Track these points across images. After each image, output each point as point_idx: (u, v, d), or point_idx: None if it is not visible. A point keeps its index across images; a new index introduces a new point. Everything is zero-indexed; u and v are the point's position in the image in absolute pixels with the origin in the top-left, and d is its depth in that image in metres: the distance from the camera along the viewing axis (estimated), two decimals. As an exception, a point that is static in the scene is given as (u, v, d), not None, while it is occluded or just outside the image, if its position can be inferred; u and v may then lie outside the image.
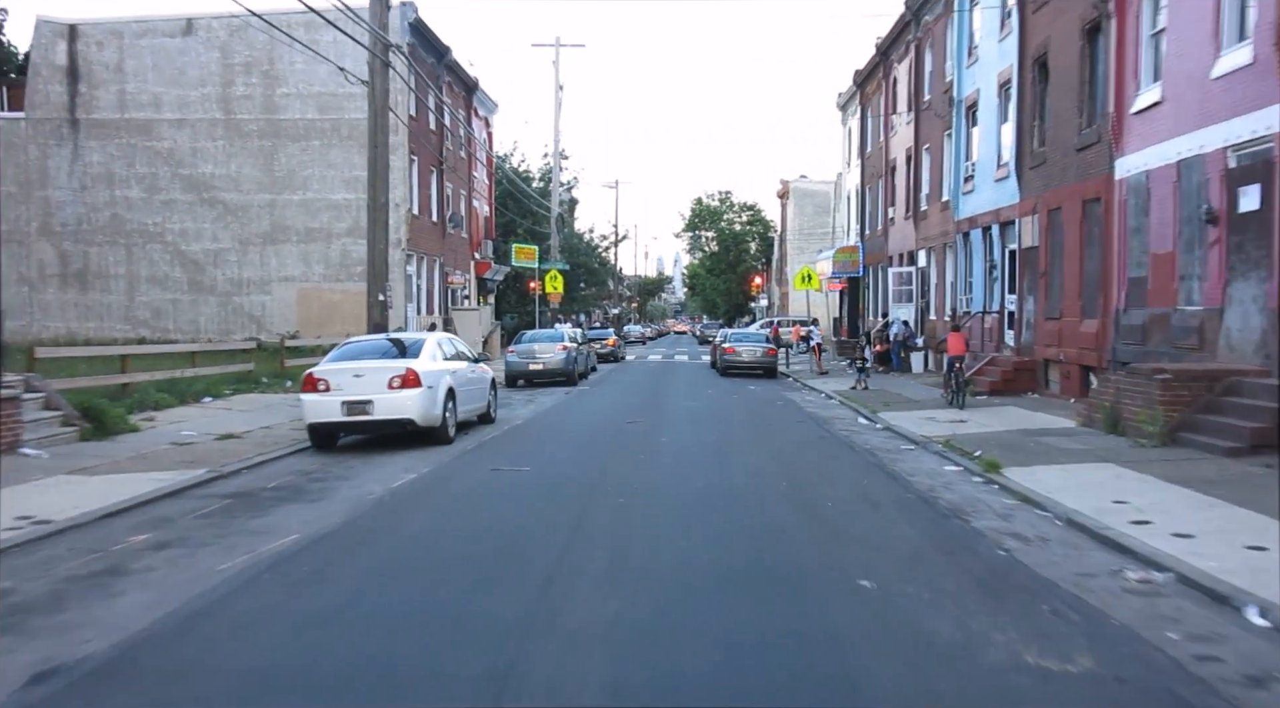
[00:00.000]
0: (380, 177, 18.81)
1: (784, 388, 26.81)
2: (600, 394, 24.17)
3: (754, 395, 23.80)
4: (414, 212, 33.47)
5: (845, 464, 12.23)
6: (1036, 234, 20.72)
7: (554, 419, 17.86)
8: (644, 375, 32.91)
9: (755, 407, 20.73)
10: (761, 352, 31.83)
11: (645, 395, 23.82)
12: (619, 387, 27.11)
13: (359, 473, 11.21)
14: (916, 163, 31.41)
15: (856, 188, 42.92)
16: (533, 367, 26.14)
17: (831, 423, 17.37)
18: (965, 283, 26.22)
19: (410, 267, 33.45)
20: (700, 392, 24.99)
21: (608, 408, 20.20)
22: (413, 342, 14.17)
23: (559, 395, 23.45)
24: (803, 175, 73.55)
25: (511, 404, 20.96)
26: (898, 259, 34.23)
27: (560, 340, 26.98)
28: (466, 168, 41.83)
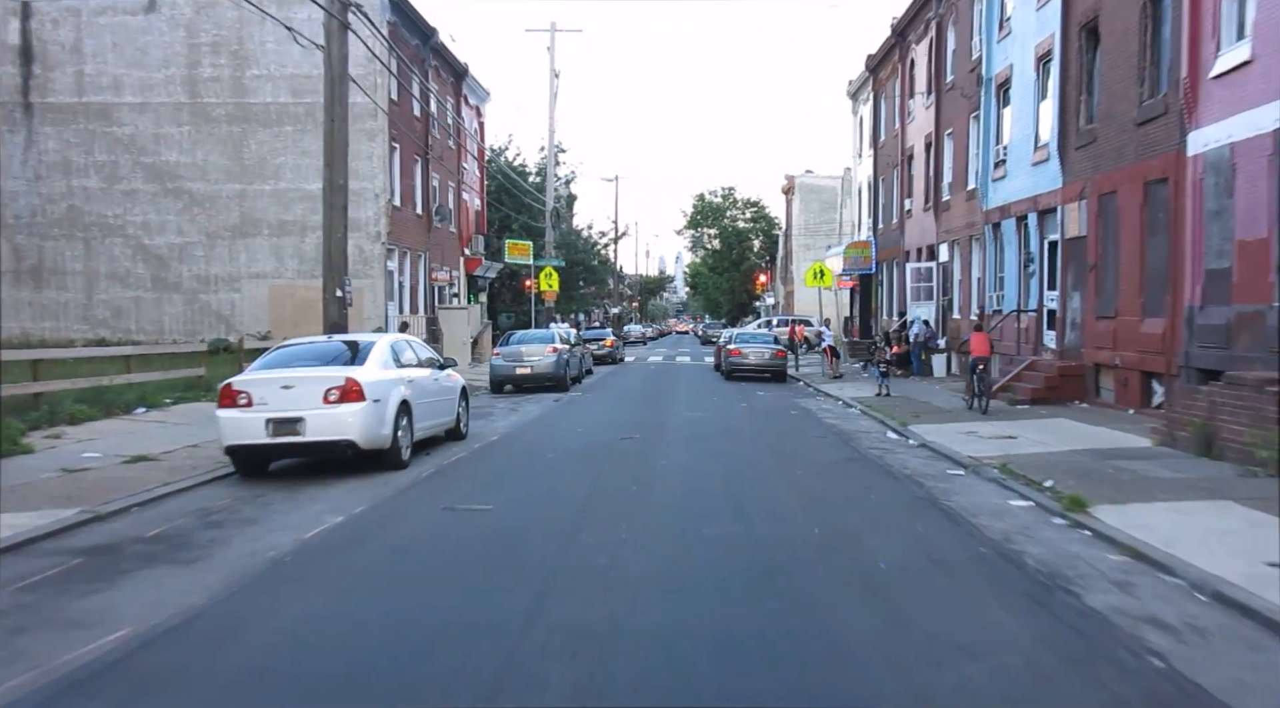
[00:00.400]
0: (338, 155, 16.48)
1: (796, 394, 24.43)
2: (593, 402, 21.81)
3: (764, 403, 21.43)
4: (395, 203, 31.11)
5: (887, 499, 9.85)
6: (1084, 222, 18.34)
7: (536, 434, 15.48)
8: (643, 379, 30.55)
9: (767, 417, 18.36)
10: (770, 354, 29.47)
11: (643, 404, 21.44)
12: (615, 393, 24.75)
13: (273, 514, 8.84)
14: (938, 150, 29.04)
15: (869, 180, 40.55)
16: (520, 371, 23.78)
17: (857, 438, 15.00)
18: (995, 279, 23.85)
19: (391, 262, 31.10)
20: (704, 399, 22.62)
21: (600, 419, 17.84)
22: (363, 345, 11.78)
23: (547, 403, 21.09)
24: (808, 170, 71.24)
25: (491, 415, 18.60)
26: (915, 254, 31.85)
27: (550, 342, 24.61)
28: (456, 159, 39.47)
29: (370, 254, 29.91)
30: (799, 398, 23.14)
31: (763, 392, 24.85)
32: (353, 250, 30.31)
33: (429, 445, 13.14)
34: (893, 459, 12.65)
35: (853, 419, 18.08)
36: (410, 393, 11.58)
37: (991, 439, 14.05)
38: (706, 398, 22.85)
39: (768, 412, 19.49)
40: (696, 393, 24.56)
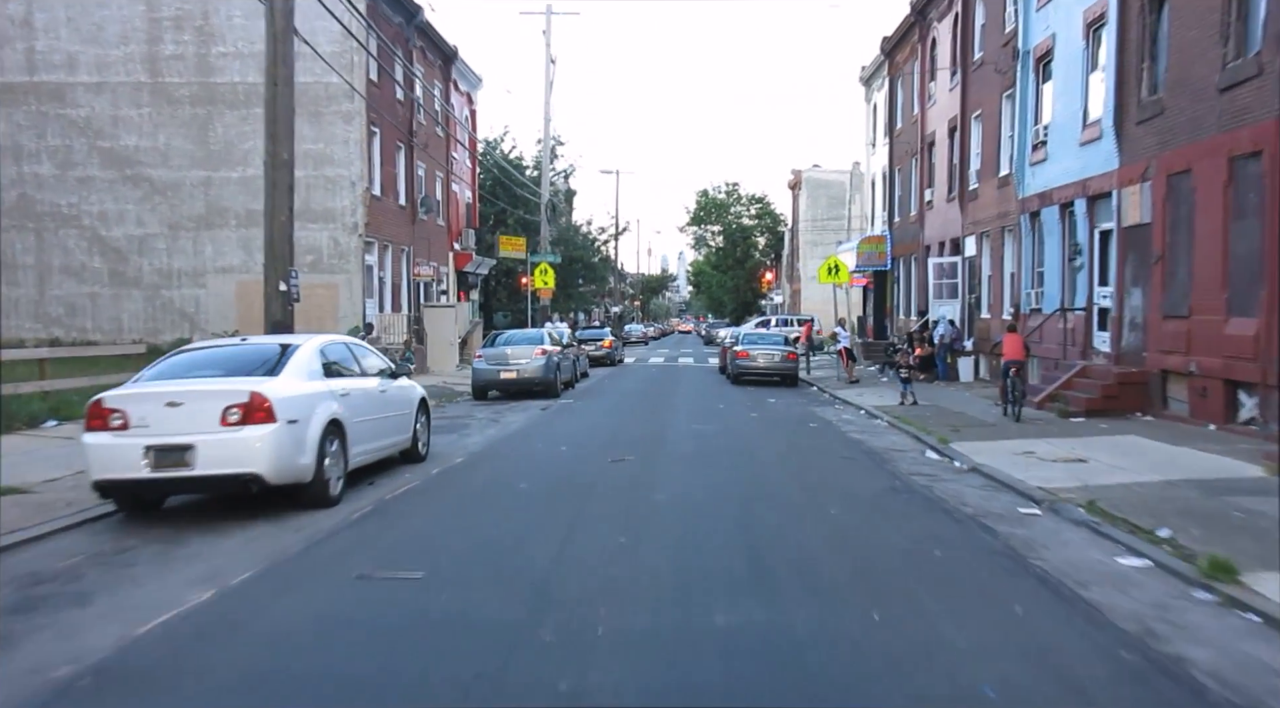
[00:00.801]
0: (282, 125, 14.12)
1: (811, 401, 22.05)
2: (585, 411, 19.43)
3: (777, 412, 19.05)
4: (375, 192, 28.75)
5: (957, 555, 7.45)
6: (1147, 207, 15.94)
7: (512, 455, 13.09)
8: (643, 383, 28.17)
9: (783, 431, 15.98)
10: (780, 356, 27.08)
11: (641, 413, 19.06)
12: (610, 400, 22.36)
13: (122, 585, 6.45)
14: (964, 134, 26.63)
15: (883, 171, 38.14)
16: (505, 375, 21.41)
17: (892, 459, 12.62)
18: (1033, 274, 21.45)
19: (370, 256, 28.74)
20: (710, 406, 20.25)
21: (591, 433, 15.48)
22: (286, 350, 9.38)
23: (533, 413, 18.72)
24: (815, 164, 68.84)
25: (466, 427, 16.22)
26: (937, 248, 29.45)
27: (539, 343, 22.24)
28: (444, 148, 37.10)
29: (346, 247, 27.57)
30: (815, 406, 20.76)
31: (774, 398, 22.48)
32: (327, 242, 28.04)
33: (377, 470, 10.78)
34: (944, 490, 10.25)
35: (881, 433, 15.69)
36: (344, 410, 9.21)
37: (1057, 463, 11.66)
38: (712, 405, 20.48)
39: (783, 423, 17.10)
40: (700, 399, 22.19)
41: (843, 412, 19.53)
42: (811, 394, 24.56)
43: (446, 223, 37.53)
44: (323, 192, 27.52)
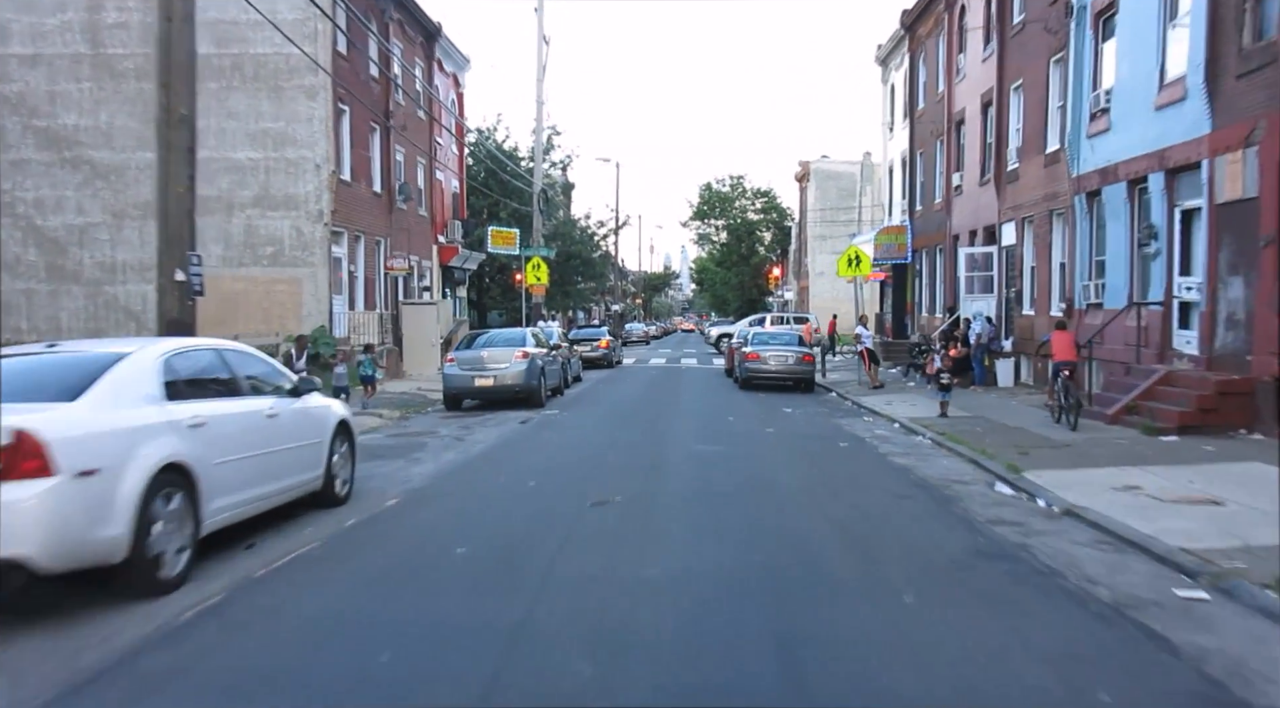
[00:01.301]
0: (178, 74, 11.32)
1: (833, 411, 19.18)
2: (570, 425, 16.54)
3: (798, 427, 16.17)
4: (344, 177, 25.89)
5: (1135, 700, 4.56)
6: (1252, 178, 13.04)
7: (461, 493, 10.18)
8: (640, 388, 25.28)
9: (809, 453, 13.09)
10: (795, 358, 24.21)
11: (636, 428, 16.15)
12: (602, 410, 19.47)
13: None
14: (1000, 109, 23.72)
15: (903, 156, 35.21)
16: (480, 382, 18.55)
17: (957, 496, 9.73)
18: (1090, 263, 18.55)
19: (338, 247, 25.88)
20: (717, 418, 17.37)
21: (571, 457, 12.62)
22: (102, 362, 6.45)
23: (508, 428, 15.87)
24: (824, 155, 65.92)
25: (420, 450, 13.35)
26: (967, 237, 26.55)
27: (520, 345, 19.36)
28: (427, 132, 34.24)
29: (310, 237, 24.71)
30: (839, 417, 17.89)
31: (790, 407, 19.60)
32: (289, 232, 25.19)
33: (274, 520, 7.93)
34: (1048, 552, 7.37)
35: (928, 456, 12.79)
36: (196, 447, 6.35)
37: (1181, 505, 8.79)
38: (719, 417, 17.61)
39: (806, 442, 14.21)
40: (706, 409, 19.32)
41: (874, 425, 16.64)
42: (831, 402, 21.68)
43: (430, 213, 34.69)
44: (283, 175, 24.67)
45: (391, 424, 16.89)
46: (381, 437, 14.98)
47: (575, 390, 24.14)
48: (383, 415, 17.74)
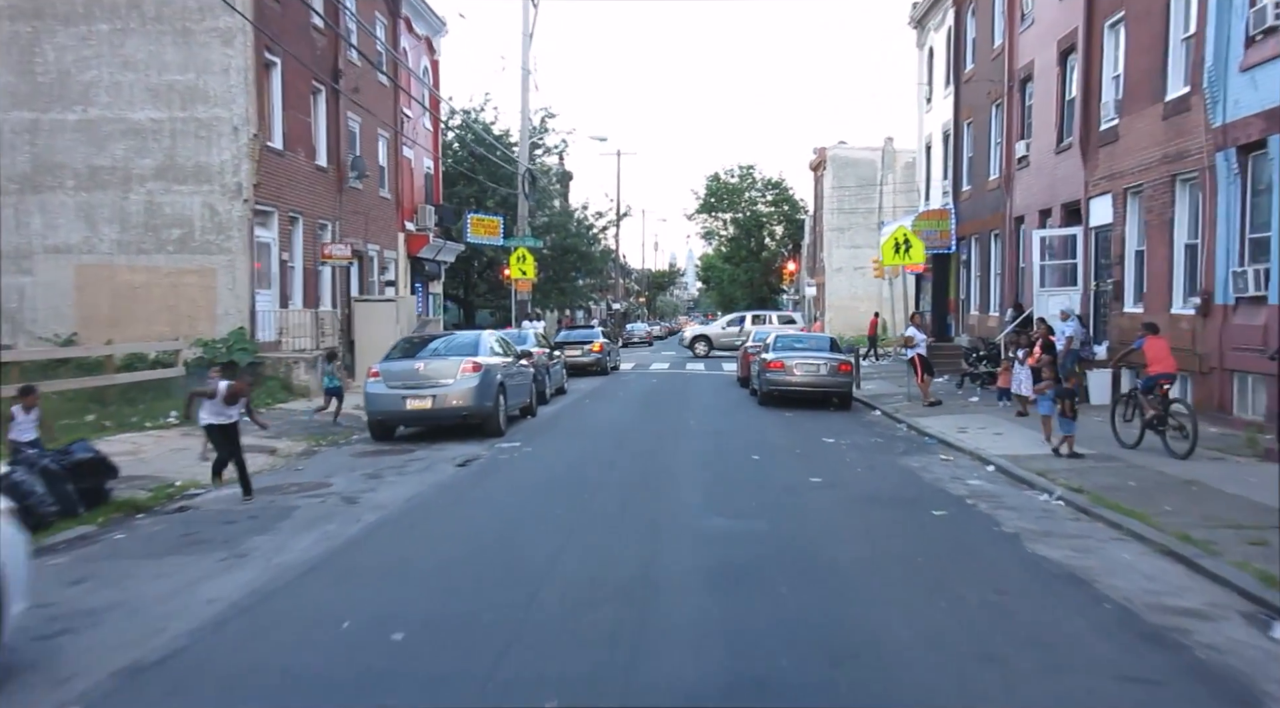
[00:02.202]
0: None
1: (890, 440, 14.31)
2: (523, 475, 11.53)
3: (856, 474, 11.27)
4: (273, 145, 21.07)
5: None
6: None
7: (289, 623, 5.40)
8: (636, 405, 20.37)
9: (896, 534, 8.14)
10: (828, 367, 19.40)
11: (620, 479, 11.19)
12: (578, 444, 14.45)
13: None
14: (1090, 54, 18.81)
15: (944, 130, 30.33)
16: (413, 404, 13.69)
17: (1229, 672, 4.88)
18: (1242, 243, 13.67)
19: (266, 231, 21.06)
20: (738, 460, 12.47)
21: (502, 549, 7.75)
22: None
23: (436, 478, 11.01)
24: (842, 141, 60.93)
25: (281, 521, 8.54)
26: (1037, 218, 21.68)
27: (472, 353, 14.48)
28: (392, 102, 29.42)
29: (225, 217, 19.89)
30: (904, 453, 13.02)
31: (831, 435, 14.78)
32: (200, 211, 20.26)
33: None
34: None
35: (1089, 543, 7.86)
36: None
37: None
38: (740, 456, 12.75)
39: (882, 510, 9.28)
40: (720, 441, 14.46)
41: (958, 467, 11.77)
42: (881, 425, 16.85)
43: (395, 196, 29.87)
44: (192, 140, 19.86)
45: (282, 466, 12.06)
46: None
47: (553, 408, 19.29)
48: (276, 451, 12.91)
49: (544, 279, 47.05)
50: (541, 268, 46.44)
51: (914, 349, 19.65)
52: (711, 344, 40.98)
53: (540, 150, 45.89)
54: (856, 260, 59.35)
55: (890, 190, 58.26)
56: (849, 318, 56.77)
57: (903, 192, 57.72)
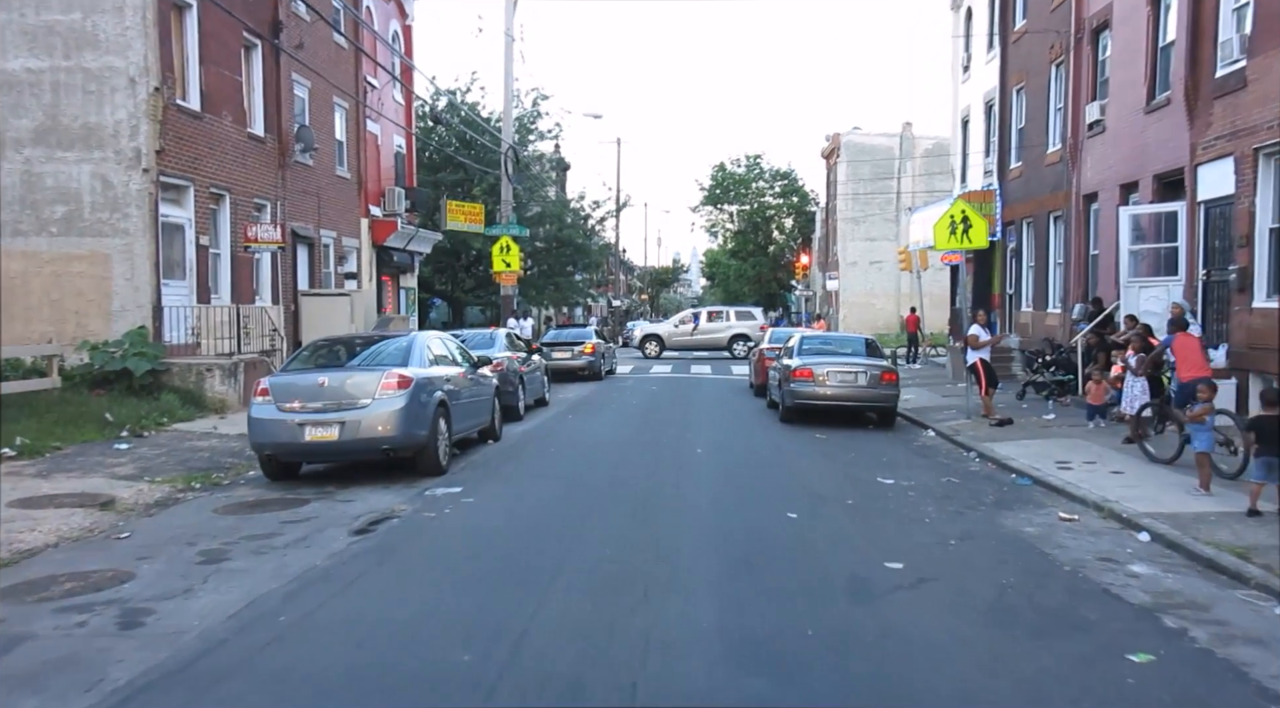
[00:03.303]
0: None
1: (968, 481, 10.44)
2: (454, 544, 7.69)
3: (936, 539, 7.49)
4: (186, 103, 17.27)
5: None
6: None
7: None
8: (628, 422, 16.46)
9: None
10: (868, 377, 15.62)
11: (591, 551, 7.34)
12: (543, 485, 10.49)
13: None
14: (1196, -17, 14.96)
15: (986, 101, 26.48)
16: (314, 434, 9.84)
17: None
18: None
19: (177, 209, 17.25)
20: (767, 519, 8.60)
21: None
22: None
23: (318, 553, 7.17)
24: (856, 127, 57.06)
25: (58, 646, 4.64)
26: (1118, 194, 17.87)
27: (400, 363, 10.64)
28: (351, 68, 25.65)
29: (121, 191, 16.09)
30: (1001, 504, 9.21)
31: (888, 472, 10.97)
32: (88, 182, 16.27)
33: None
34: None
35: None
36: None
37: None
38: (769, 505, 8.94)
39: (1016, 634, 5.48)
40: (737, 475, 10.67)
41: (1093, 532, 8.00)
42: (938, 451, 13.07)
43: (357, 176, 26.08)
44: (80, 95, 16.07)
45: (103, 530, 8.24)
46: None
47: (526, 426, 15.47)
48: (115, 501, 9.12)
49: (537, 274, 43.29)
50: (535, 262, 42.67)
51: (978, 353, 15.81)
52: (664, 344, 37.17)
53: (533, 136, 42.10)
54: (872, 254, 55.57)
55: (909, 178, 54.47)
56: (864, 315, 53.00)
57: (923, 179, 53.96)
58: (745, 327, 36.20)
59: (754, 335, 35.93)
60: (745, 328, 36.10)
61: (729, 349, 35.40)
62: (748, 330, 35.84)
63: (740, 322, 36.76)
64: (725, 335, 36.01)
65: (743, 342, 35.11)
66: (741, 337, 35.43)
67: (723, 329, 36.51)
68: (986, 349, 15.91)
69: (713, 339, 36.06)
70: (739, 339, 35.31)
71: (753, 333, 35.77)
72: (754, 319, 37.40)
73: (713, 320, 37.41)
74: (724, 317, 37.93)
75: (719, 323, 37.03)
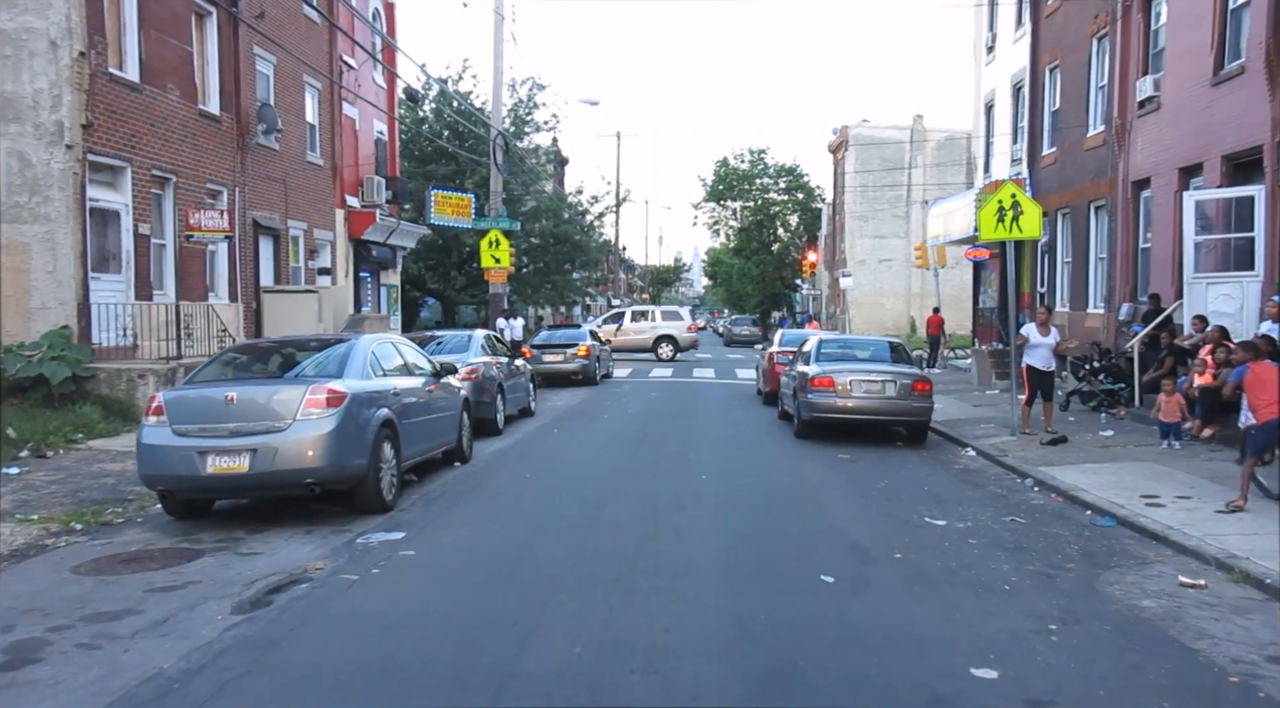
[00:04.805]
0: None
1: (1035, 520, 8.32)
2: (373, 630, 5.69)
3: (1031, 622, 5.37)
4: (119, 72, 15.20)
5: None
6: None
7: None
8: (622, 438, 14.35)
9: None
10: (900, 387, 13.59)
11: (557, 645, 5.31)
12: (510, 527, 8.40)
13: None
14: (1282, -70, 12.88)
15: (1015, 81, 24.40)
16: (219, 465, 7.76)
17: None
18: None
19: (111, 192, 15.18)
20: (792, 572, 6.59)
21: None
22: None
23: (175, 649, 5.08)
24: (865, 119, 54.95)
25: None
26: (1176, 179, 15.80)
27: (333, 375, 8.58)
28: (326, 45, 23.59)
29: (41, 171, 14.02)
30: (1091, 560, 7.14)
31: (933, 506, 8.93)
32: (4, 159, 14.14)
33: None
34: None
35: None
36: None
37: None
38: (796, 562, 6.92)
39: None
40: (752, 516, 8.65)
41: (1230, 607, 5.90)
42: (985, 476, 11.03)
43: (331, 163, 24.02)
44: (-8, 60, 14.01)
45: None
46: None
47: (504, 443, 13.40)
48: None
49: (532, 272, 41.25)
50: (530, 259, 40.60)
51: (1027, 357, 13.79)
52: None
53: (529, 127, 40.07)
54: (881, 252, 53.47)
55: (920, 171, 52.39)
56: (872, 315, 50.90)
57: (935, 173, 51.89)
58: (671, 327, 34.19)
59: (680, 337, 34.19)
60: (671, 329, 34.11)
61: (654, 351, 33.16)
62: (674, 332, 33.93)
63: (666, 322, 34.69)
64: (650, 337, 33.78)
65: (668, 343, 33.13)
66: (667, 338, 33.42)
67: (647, 330, 34.30)
68: (1039, 354, 13.80)
69: (637, 341, 33.76)
70: (664, 341, 33.23)
71: (679, 334, 34.02)
72: (681, 320, 35.47)
73: (636, 321, 35.02)
74: (649, 317, 35.72)
75: (643, 323, 34.67)
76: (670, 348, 33.18)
